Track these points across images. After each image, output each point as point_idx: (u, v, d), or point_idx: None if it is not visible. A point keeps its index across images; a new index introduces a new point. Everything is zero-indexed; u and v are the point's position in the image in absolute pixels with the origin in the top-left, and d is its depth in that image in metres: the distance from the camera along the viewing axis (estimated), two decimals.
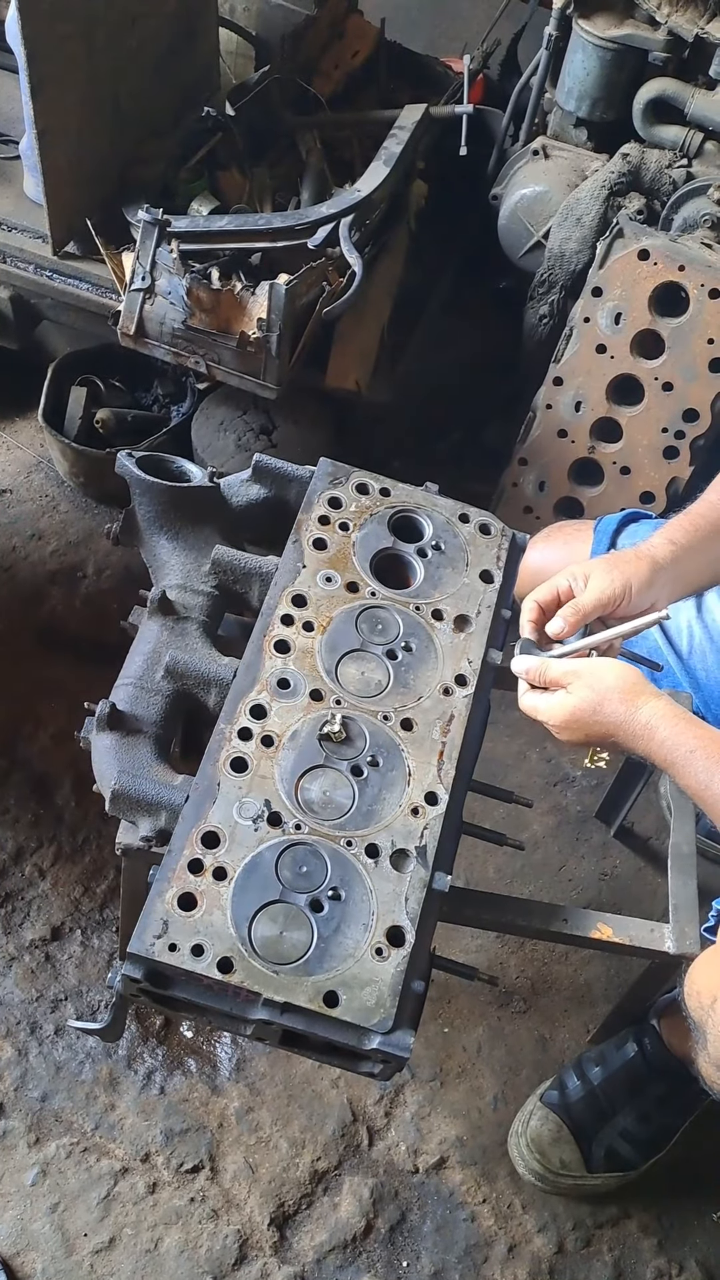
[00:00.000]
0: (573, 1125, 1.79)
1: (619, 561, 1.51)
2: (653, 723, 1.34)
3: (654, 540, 1.56)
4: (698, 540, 1.57)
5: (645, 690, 1.37)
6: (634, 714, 1.34)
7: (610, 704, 1.35)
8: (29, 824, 2.07)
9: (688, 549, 1.56)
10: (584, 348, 2.24)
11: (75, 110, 2.08)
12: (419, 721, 1.41)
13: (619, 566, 1.49)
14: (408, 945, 1.25)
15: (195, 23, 2.38)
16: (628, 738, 1.36)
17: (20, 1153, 1.76)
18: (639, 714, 1.34)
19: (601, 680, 1.38)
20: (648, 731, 1.34)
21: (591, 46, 2.31)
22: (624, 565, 1.50)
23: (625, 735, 1.36)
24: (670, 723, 1.34)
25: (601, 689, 1.37)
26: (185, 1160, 1.78)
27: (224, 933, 1.22)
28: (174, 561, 1.56)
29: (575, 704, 1.38)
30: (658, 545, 1.55)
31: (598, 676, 1.38)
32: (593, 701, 1.37)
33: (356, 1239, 1.76)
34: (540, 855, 2.19)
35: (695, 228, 2.25)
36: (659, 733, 1.34)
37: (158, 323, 2.11)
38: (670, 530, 1.58)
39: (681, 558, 1.54)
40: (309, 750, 1.35)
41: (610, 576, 1.48)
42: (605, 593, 1.47)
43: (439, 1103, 1.88)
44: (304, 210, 2.21)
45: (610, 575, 1.48)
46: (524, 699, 1.45)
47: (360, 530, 1.55)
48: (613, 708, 1.35)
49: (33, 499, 2.56)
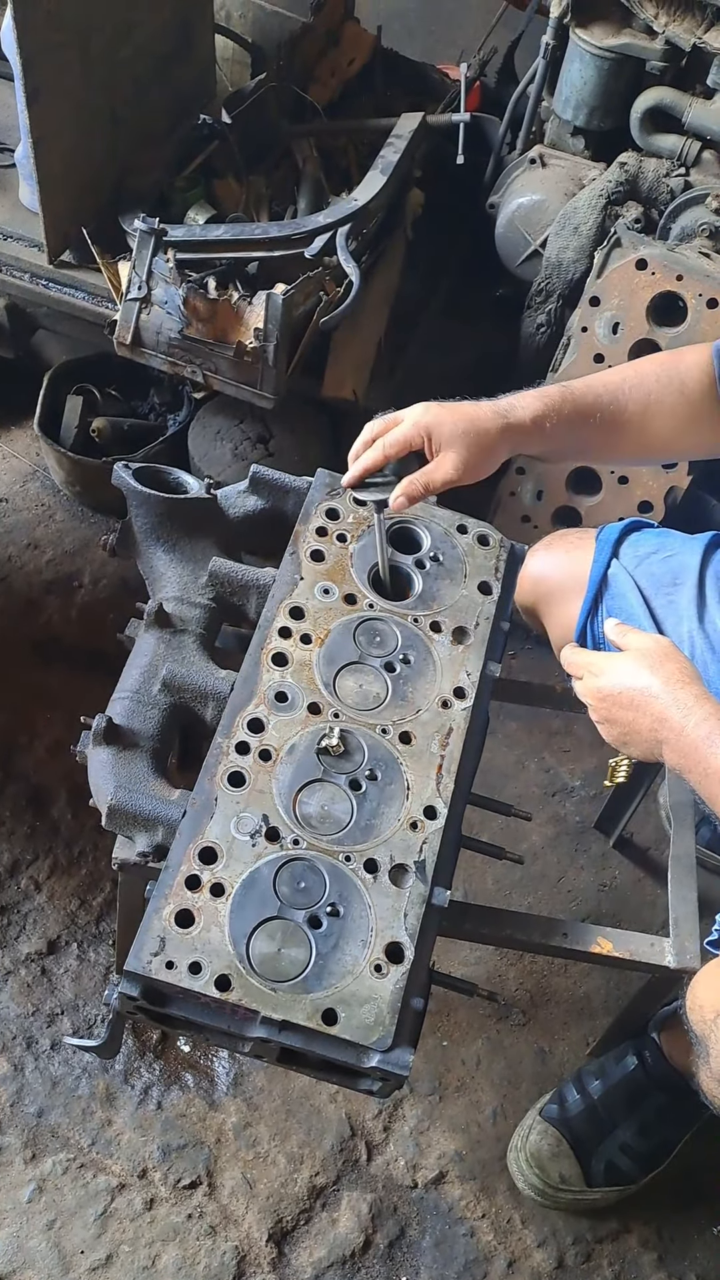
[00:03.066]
0: (572, 1139, 1.78)
1: (454, 414, 1.44)
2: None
3: (522, 402, 1.49)
4: (573, 415, 1.51)
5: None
6: (688, 712, 1.30)
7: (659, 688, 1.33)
8: (25, 836, 2.05)
9: (557, 423, 1.49)
10: (581, 357, 2.24)
11: (71, 118, 2.07)
12: (417, 735, 1.40)
13: (446, 419, 1.43)
14: (407, 962, 1.24)
15: (191, 31, 2.38)
16: (674, 734, 1.31)
17: (16, 1169, 1.74)
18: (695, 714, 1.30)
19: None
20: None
21: (589, 55, 2.31)
22: (454, 418, 1.44)
23: (672, 733, 1.31)
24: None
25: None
26: (183, 1176, 1.77)
27: (221, 950, 1.20)
28: (171, 573, 1.55)
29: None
30: (521, 409, 1.47)
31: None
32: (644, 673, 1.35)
33: (355, 1255, 1.74)
34: (539, 866, 2.18)
35: (693, 237, 2.25)
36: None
37: (154, 332, 2.11)
38: (546, 398, 1.50)
39: (548, 431, 1.49)
40: (307, 764, 1.34)
41: (419, 427, 1.42)
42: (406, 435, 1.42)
43: (438, 1117, 1.87)
44: (301, 219, 2.20)
45: (420, 424, 1.43)
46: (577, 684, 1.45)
47: (358, 542, 1.54)
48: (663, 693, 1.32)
49: (28, 508, 2.55)
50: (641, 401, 1.55)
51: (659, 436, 1.58)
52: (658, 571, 1.69)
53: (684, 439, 1.61)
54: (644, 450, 1.64)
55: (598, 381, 1.56)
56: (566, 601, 1.74)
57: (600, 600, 1.69)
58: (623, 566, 1.70)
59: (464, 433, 1.42)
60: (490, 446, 1.45)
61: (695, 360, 1.58)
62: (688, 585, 1.67)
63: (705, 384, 1.57)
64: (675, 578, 1.68)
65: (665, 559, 1.70)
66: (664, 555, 1.70)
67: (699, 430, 1.59)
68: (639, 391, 1.55)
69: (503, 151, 2.62)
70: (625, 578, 1.69)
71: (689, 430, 1.59)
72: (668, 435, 1.59)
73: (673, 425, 1.57)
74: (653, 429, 1.57)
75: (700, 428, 1.59)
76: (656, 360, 1.62)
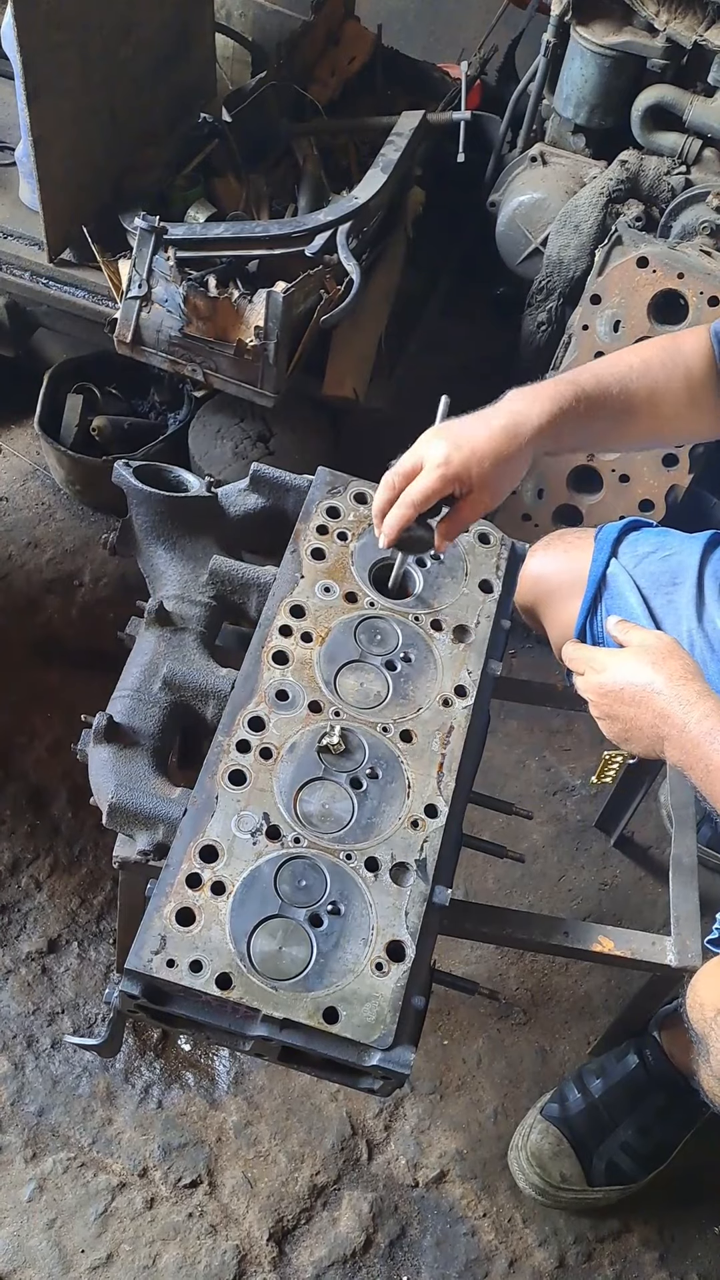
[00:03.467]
0: (573, 1138, 1.78)
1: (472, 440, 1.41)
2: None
3: (534, 407, 1.45)
4: (586, 412, 1.49)
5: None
6: (690, 708, 1.31)
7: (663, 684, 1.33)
8: (25, 835, 2.05)
9: (572, 422, 1.47)
10: (582, 355, 2.23)
11: (71, 117, 2.07)
12: (418, 733, 1.40)
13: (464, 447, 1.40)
14: (408, 960, 1.24)
15: (191, 29, 2.37)
16: (676, 731, 1.31)
17: (17, 1168, 1.74)
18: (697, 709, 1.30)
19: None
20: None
21: (590, 53, 2.31)
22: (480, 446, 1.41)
23: (674, 729, 1.32)
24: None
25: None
26: (183, 1175, 1.76)
27: (222, 948, 1.20)
28: (171, 572, 1.55)
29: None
30: (535, 415, 1.44)
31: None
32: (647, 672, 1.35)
33: (356, 1254, 1.74)
34: (540, 865, 2.18)
35: (694, 235, 2.24)
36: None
37: (154, 330, 2.10)
38: (559, 398, 1.47)
39: (563, 432, 1.47)
40: (308, 762, 1.34)
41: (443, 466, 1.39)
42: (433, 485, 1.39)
43: (439, 1116, 1.87)
44: (301, 218, 2.20)
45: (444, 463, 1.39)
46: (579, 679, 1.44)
47: (359, 540, 1.54)
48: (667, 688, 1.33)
49: (29, 507, 2.54)
50: (649, 389, 1.55)
51: (665, 422, 1.59)
52: (656, 571, 1.69)
53: (688, 423, 1.62)
54: (650, 436, 1.65)
55: (605, 373, 1.55)
56: (565, 601, 1.74)
57: (599, 600, 1.69)
58: (622, 566, 1.70)
59: (491, 468, 1.41)
60: (514, 471, 1.44)
61: (695, 346, 1.58)
62: (686, 585, 1.67)
63: (705, 368, 1.57)
64: (674, 577, 1.68)
65: (664, 558, 1.70)
66: (663, 554, 1.70)
67: (701, 414, 1.60)
68: (646, 380, 1.55)
69: (503, 150, 2.62)
70: (624, 577, 1.69)
71: (691, 414, 1.59)
72: (673, 420, 1.59)
73: (677, 410, 1.58)
74: (660, 415, 1.57)
75: (702, 411, 1.60)
76: (657, 345, 1.61)
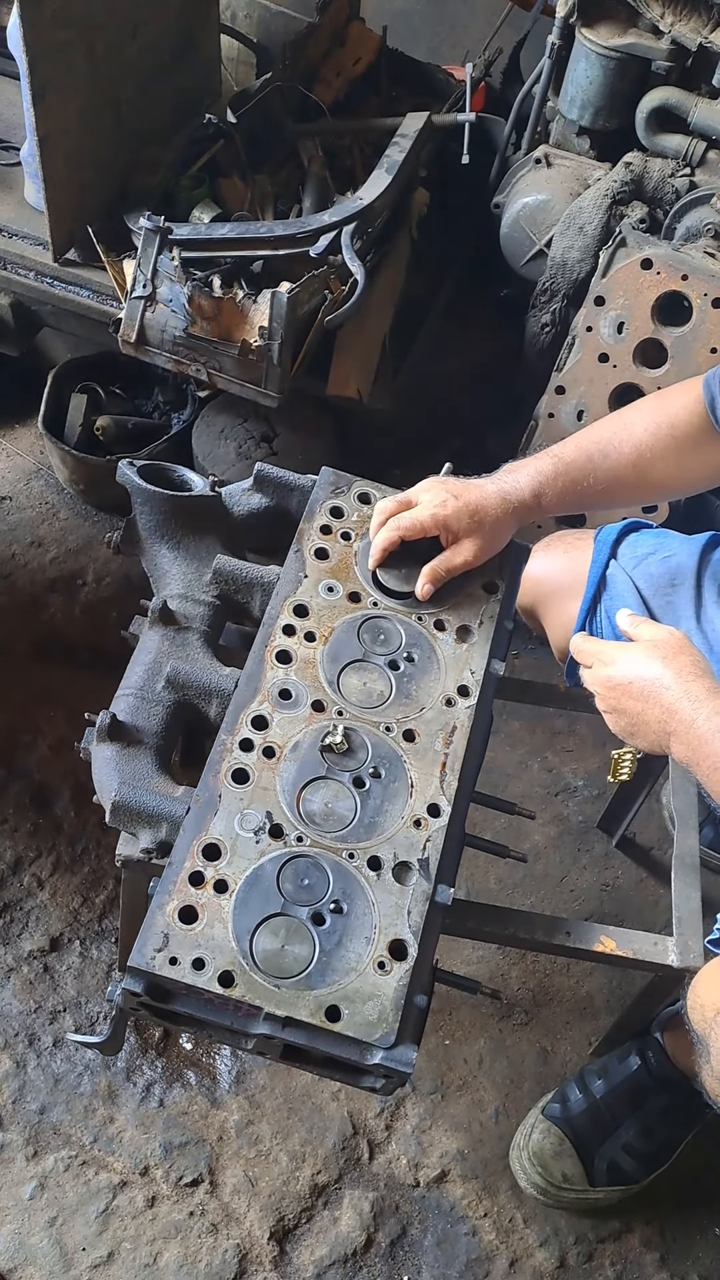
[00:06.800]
0: (575, 1138, 1.78)
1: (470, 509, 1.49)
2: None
3: (519, 481, 1.53)
4: (567, 485, 1.56)
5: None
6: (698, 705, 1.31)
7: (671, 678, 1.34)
8: (28, 833, 2.05)
9: (555, 494, 1.54)
10: (586, 356, 2.24)
11: (76, 117, 2.07)
12: (421, 733, 1.40)
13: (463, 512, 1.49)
14: (410, 959, 1.24)
15: (196, 30, 2.38)
16: (683, 726, 1.31)
17: (18, 1166, 1.74)
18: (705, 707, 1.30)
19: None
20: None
21: (595, 55, 2.31)
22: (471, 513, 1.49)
23: (681, 725, 1.32)
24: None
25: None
26: (184, 1174, 1.77)
27: (225, 946, 1.20)
28: (175, 571, 1.55)
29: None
30: (521, 488, 1.53)
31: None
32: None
33: (357, 1253, 1.74)
34: (542, 866, 2.18)
35: (698, 237, 2.24)
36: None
37: (159, 330, 2.11)
38: (540, 474, 1.55)
39: (547, 503, 1.54)
40: (311, 761, 1.34)
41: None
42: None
43: (440, 1116, 1.87)
44: (306, 218, 2.20)
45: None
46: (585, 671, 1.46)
47: (362, 540, 1.54)
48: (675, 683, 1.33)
49: (32, 506, 2.55)
50: (632, 452, 1.57)
51: (658, 481, 1.61)
52: (655, 572, 1.69)
53: (684, 478, 1.64)
54: (646, 496, 1.70)
55: (587, 441, 1.59)
56: (565, 602, 1.74)
57: (599, 601, 1.69)
58: (621, 567, 1.70)
59: (478, 524, 1.49)
60: (500, 532, 1.52)
61: (682, 402, 1.59)
62: (685, 586, 1.67)
63: (695, 422, 1.58)
64: (673, 578, 1.68)
65: (663, 559, 1.70)
66: (662, 556, 1.71)
67: (697, 467, 1.61)
68: (628, 443, 1.57)
69: (508, 151, 2.62)
70: (623, 578, 1.69)
71: (686, 470, 1.61)
72: (666, 478, 1.62)
73: (668, 468, 1.60)
74: (650, 476, 1.59)
75: (696, 465, 1.61)
76: (641, 408, 1.65)
